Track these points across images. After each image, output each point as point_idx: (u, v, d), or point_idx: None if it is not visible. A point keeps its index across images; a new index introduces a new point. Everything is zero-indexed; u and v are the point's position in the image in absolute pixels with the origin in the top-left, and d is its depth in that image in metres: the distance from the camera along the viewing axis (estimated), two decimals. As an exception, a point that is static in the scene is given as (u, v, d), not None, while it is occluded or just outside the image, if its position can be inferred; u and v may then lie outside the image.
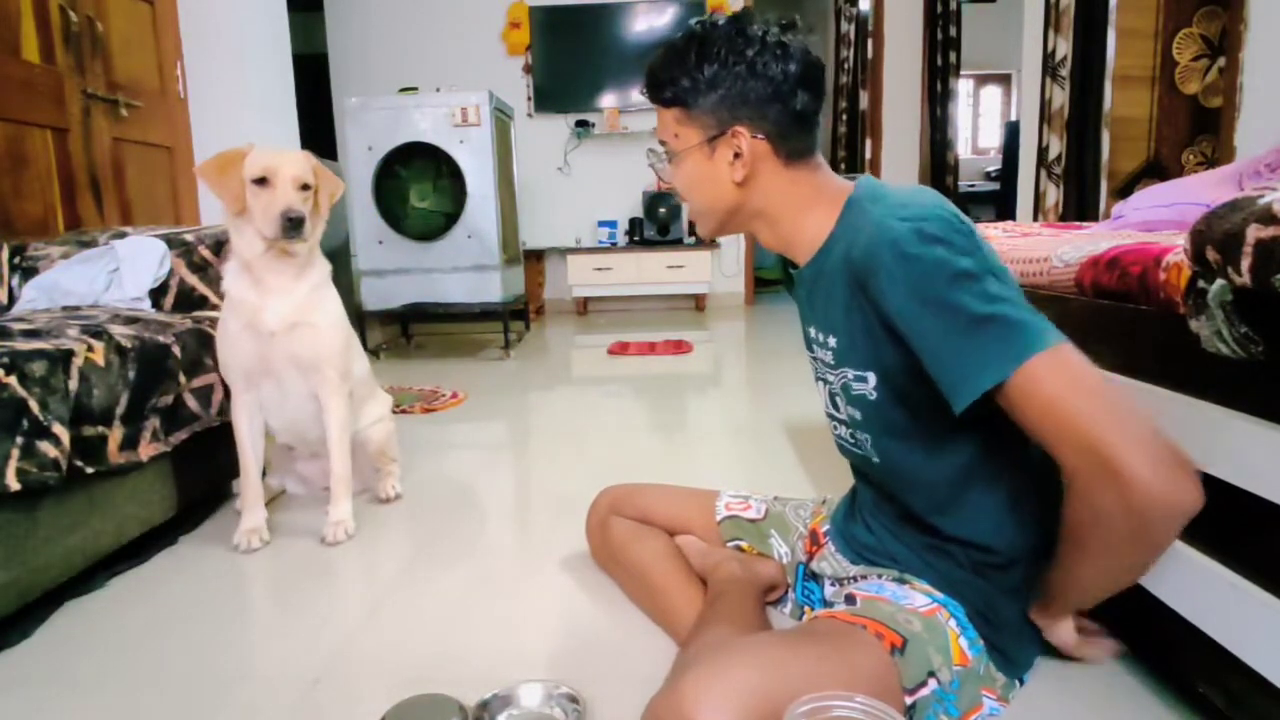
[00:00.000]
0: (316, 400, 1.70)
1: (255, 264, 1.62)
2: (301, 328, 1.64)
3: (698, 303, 5.80)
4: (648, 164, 1.12)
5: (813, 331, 1.06)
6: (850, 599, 1.02)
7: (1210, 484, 0.86)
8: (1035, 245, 1.36)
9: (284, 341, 1.62)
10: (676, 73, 0.99)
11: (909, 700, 0.88)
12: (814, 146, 1.01)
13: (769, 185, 1.00)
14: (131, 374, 1.52)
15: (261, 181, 1.58)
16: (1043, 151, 3.36)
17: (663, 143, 1.06)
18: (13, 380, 1.25)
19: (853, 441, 1.06)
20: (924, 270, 0.83)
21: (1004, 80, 7.88)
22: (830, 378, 1.04)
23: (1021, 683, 1.03)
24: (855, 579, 1.09)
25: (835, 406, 1.07)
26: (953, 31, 5.28)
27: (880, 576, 1.05)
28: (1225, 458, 0.85)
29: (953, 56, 5.31)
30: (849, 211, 0.97)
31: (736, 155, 0.98)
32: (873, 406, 0.98)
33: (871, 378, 0.96)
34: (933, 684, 0.90)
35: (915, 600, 0.97)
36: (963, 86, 6.82)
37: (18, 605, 1.29)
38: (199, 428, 1.69)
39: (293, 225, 1.56)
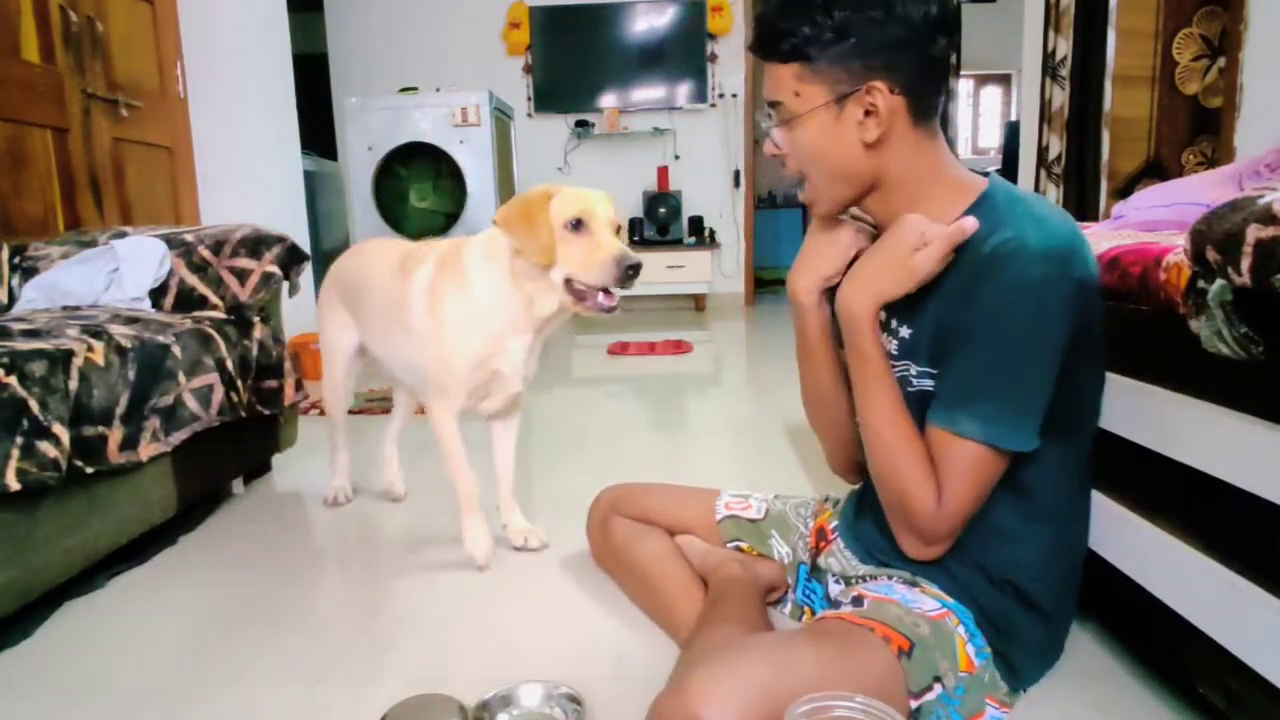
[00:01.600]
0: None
1: (522, 314, 1.43)
2: (525, 385, 1.56)
3: (697, 303, 5.80)
4: (763, 128, 1.02)
5: (882, 316, 1.01)
6: (858, 600, 1.01)
7: (1211, 484, 0.87)
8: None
9: (515, 382, 1.54)
10: (798, 21, 0.88)
11: (914, 704, 0.88)
12: (942, 103, 0.94)
13: (899, 148, 0.92)
14: (131, 374, 1.52)
15: (577, 225, 1.34)
16: (1043, 151, 3.36)
17: (774, 104, 0.95)
18: (13, 380, 1.25)
19: None
20: (1025, 306, 0.84)
21: (1004, 80, 7.89)
22: None
23: (1024, 691, 1.02)
24: (864, 578, 1.08)
25: None
26: (953, 31, 5.28)
27: (890, 578, 1.04)
28: (1225, 458, 0.85)
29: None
30: (984, 205, 0.92)
31: (867, 113, 0.90)
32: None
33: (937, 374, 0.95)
34: (938, 689, 0.90)
35: (924, 604, 0.97)
36: (963, 86, 6.83)
37: (18, 605, 1.29)
38: (199, 428, 1.69)
39: (634, 273, 1.31)
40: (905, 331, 0.99)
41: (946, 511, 0.92)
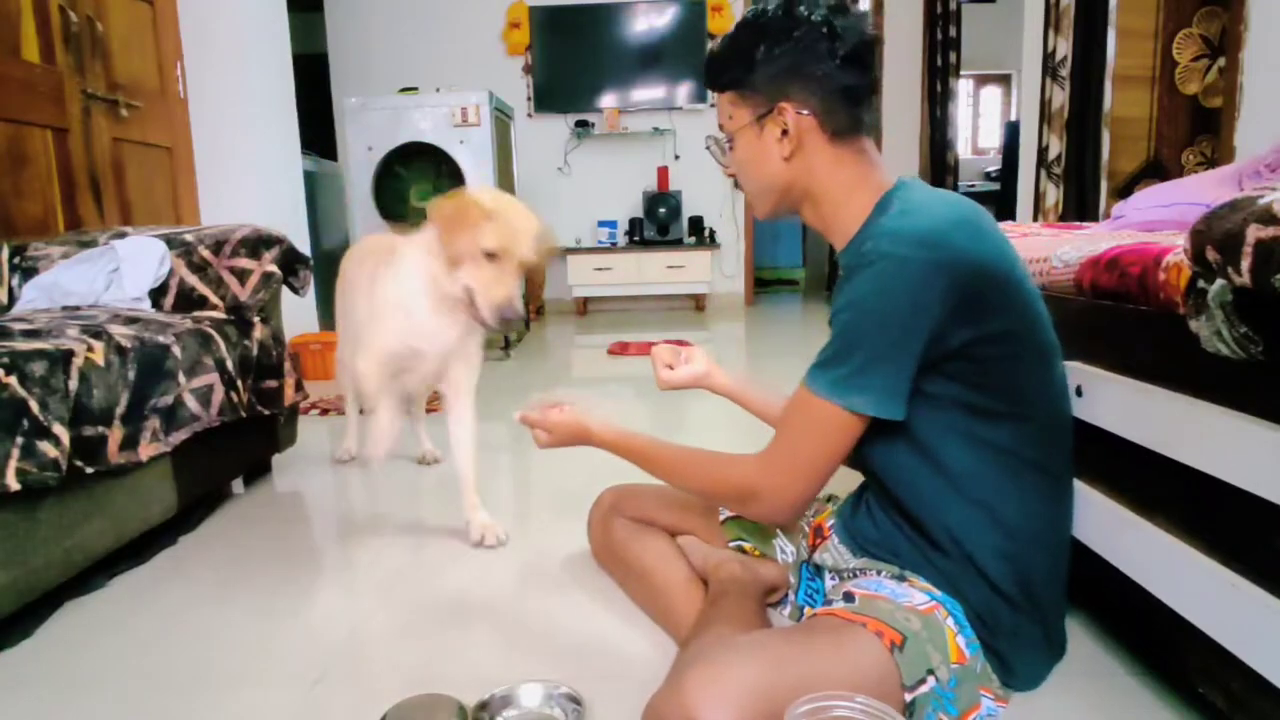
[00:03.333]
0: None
1: (438, 297, 1.55)
2: (456, 360, 1.66)
3: (698, 303, 5.80)
4: (705, 147, 1.17)
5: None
6: (849, 596, 1.01)
7: (1211, 484, 0.87)
8: (1035, 245, 1.36)
9: (438, 362, 1.65)
10: (730, 56, 1.04)
11: (908, 698, 0.89)
12: (862, 125, 1.03)
13: (815, 163, 1.03)
14: (131, 374, 1.52)
15: (491, 255, 1.46)
16: (1043, 151, 3.36)
17: (721, 129, 1.10)
18: (13, 380, 1.25)
19: None
20: (872, 279, 0.91)
21: (1004, 80, 7.88)
22: None
23: (1021, 687, 1.02)
24: (855, 573, 1.09)
25: None
26: (953, 31, 5.28)
27: (880, 573, 1.05)
28: (1225, 458, 0.85)
29: (953, 56, 5.31)
30: (880, 205, 1.01)
31: (784, 132, 1.02)
32: None
33: None
34: (931, 681, 0.90)
35: (914, 598, 0.97)
36: (963, 86, 6.82)
37: (18, 605, 1.29)
38: (199, 428, 1.69)
39: (507, 325, 1.50)
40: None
41: (774, 461, 0.99)
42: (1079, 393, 1.11)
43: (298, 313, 3.25)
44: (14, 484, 1.22)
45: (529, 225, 1.50)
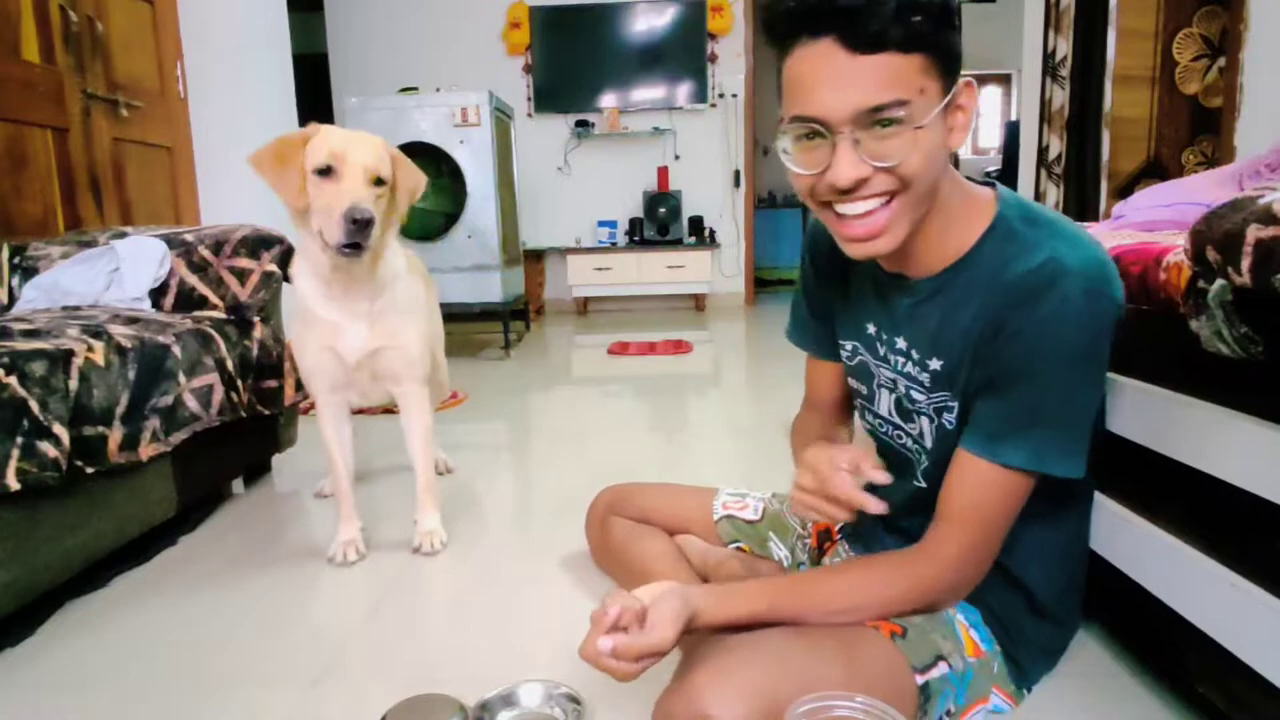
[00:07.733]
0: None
1: (327, 275, 1.45)
2: (383, 351, 1.53)
3: (698, 303, 5.80)
4: (783, 150, 0.83)
5: (900, 342, 0.97)
6: None
7: (1211, 484, 0.87)
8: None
9: (365, 363, 1.53)
10: (937, 7, 0.74)
11: (921, 680, 0.89)
12: None
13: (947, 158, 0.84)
14: (131, 374, 1.52)
15: (326, 171, 1.35)
16: (1043, 151, 3.36)
17: (882, 107, 0.74)
18: (13, 380, 1.25)
19: (908, 457, 1.03)
20: (1075, 334, 0.80)
21: (1004, 80, 7.89)
22: (916, 395, 0.98)
23: (1029, 690, 1.02)
24: None
25: (905, 419, 1.02)
26: (953, 31, 5.28)
27: None
28: (1225, 458, 0.85)
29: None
30: (1000, 229, 0.86)
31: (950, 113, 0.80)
32: (950, 436, 0.94)
33: (956, 407, 0.92)
34: (944, 666, 0.90)
35: None
36: (963, 86, 6.83)
37: (18, 605, 1.29)
38: (199, 428, 1.69)
39: (358, 228, 1.29)
40: (936, 364, 0.94)
41: (971, 550, 0.88)
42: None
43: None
44: (14, 484, 1.22)
45: (362, 136, 1.39)
